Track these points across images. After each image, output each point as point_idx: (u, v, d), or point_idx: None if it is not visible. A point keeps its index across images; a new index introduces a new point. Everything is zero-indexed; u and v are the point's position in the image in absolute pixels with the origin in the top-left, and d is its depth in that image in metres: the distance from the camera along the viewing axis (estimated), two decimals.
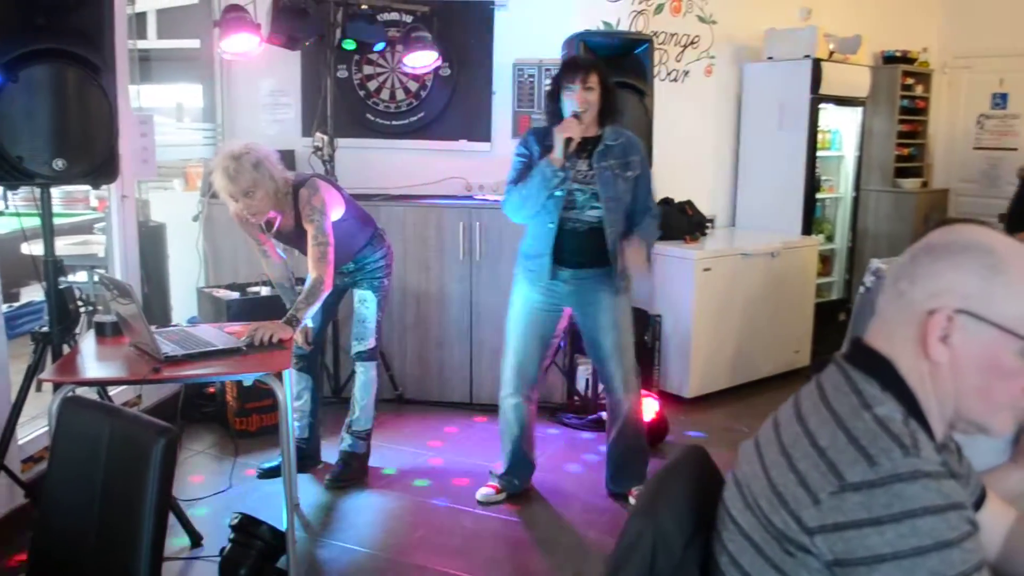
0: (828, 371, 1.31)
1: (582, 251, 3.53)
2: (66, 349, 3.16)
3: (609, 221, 3.51)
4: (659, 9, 5.60)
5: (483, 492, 3.81)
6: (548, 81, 5.14)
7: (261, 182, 3.36)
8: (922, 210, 6.93)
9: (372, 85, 5.28)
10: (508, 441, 3.83)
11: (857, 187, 6.55)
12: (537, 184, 3.42)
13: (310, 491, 3.87)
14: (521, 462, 3.86)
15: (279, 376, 2.93)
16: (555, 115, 3.49)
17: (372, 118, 5.31)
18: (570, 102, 3.42)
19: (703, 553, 1.34)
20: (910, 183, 7.04)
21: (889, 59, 7.00)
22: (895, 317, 1.25)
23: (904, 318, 1.23)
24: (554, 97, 3.51)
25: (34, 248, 3.37)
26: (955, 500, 1.11)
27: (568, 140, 3.37)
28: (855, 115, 6.45)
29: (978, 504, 1.43)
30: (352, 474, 3.94)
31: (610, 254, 3.53)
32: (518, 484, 3.86)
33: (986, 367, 1.20)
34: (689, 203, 5.59)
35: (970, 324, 1.19)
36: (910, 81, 7.04)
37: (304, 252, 3.58)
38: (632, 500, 3.73)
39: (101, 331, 3.24)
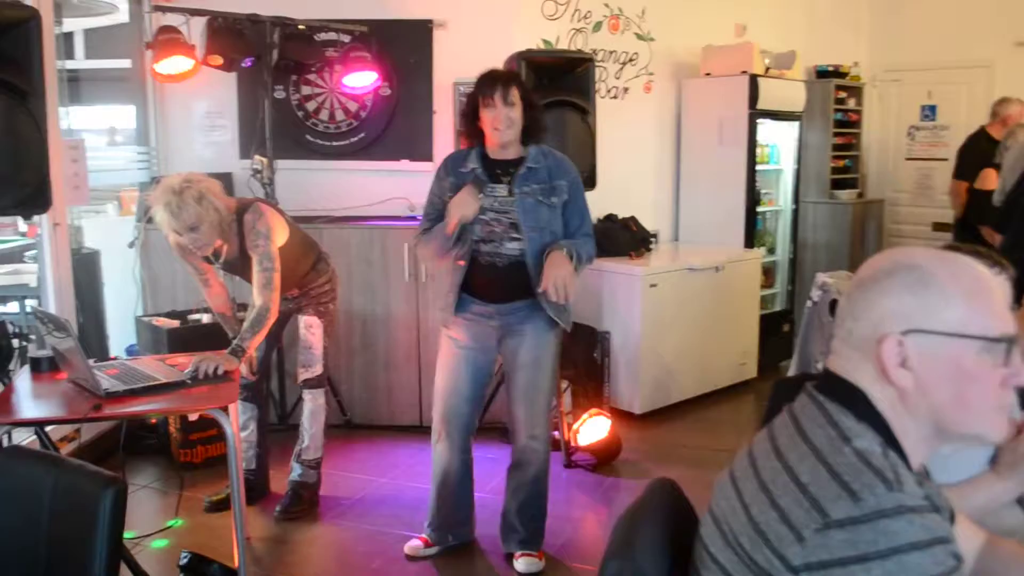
0: (801, 402, 1.30)
1: (504, 287, 3.17)
2: (0, 387, 3.03)
3: (531, 253, 3.12)
4: (597, 27, 5.62)
5: (411, 545, 3.47)
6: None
7: (205, 216, 3.26)
8: (858, 220, 7.07)
9: (311, 106, 5.21)
10: (434, 492, 3.46)
11: (796, 199, 6.65)
12: (437, 247, 3.17)
13: (260, 523, 3.76)
14: (451, 518, 3.48)
15: (225, 409, 2.84)
16: (472, 136, 3.18)
17: (312, 139, 5.23)
18: (491, 120, 3.08)
19: None
20: (846, 194, 7.18)
21: (822, 74, 7.14)
22: (851, 355, 1.26)
23: (859, 354, 1.24)
24: (470, 116, 3.15)
25: None
26: (940, 535, 1.10)
27: (464, 219, 3.07)
28: (792, 129, 6.55)
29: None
30: (303, 505, 3.85)
31: (539, 287, 3.12)
32: (451, 540, 3.49)
33: (952, 377, 1.20)
34: (633, 219, 5.61)
35: (922, 341, 1.19)
36: (843, 95, 7.19)
37: (249, 279, 3.49)
38: (518, 565, 3.35)
39: (36, 367, 3.12)
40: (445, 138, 5.20)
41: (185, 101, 5.16)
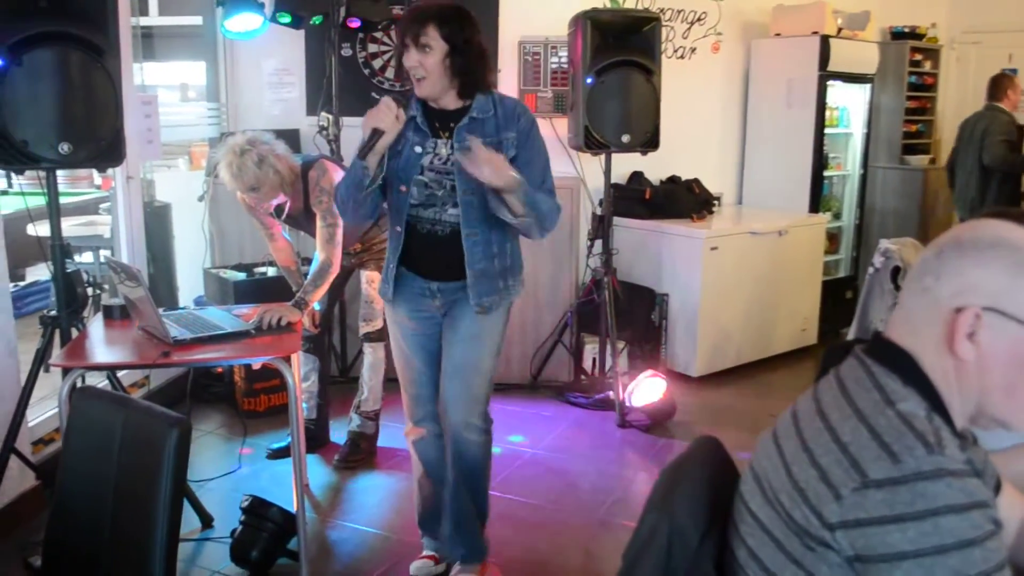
0: (848, 364, 1.29)
1: (446, 260, 2.70)
2: (74, 332, 3.16)
3: (469, 222, 2.65)
4: None
5: (417, 565, 3.04)
6: (555, 59, 5.14)
7: (265, 178, 3.36)
8: (930, 187, 6.89)
9: (377, 63, 5.24)
10: (416, 487, 3.07)
11: (865, 164, 6.51)
12: (348, 183, 2.63)
13: (319, 472, 3.88)
14: (438, 512, 3.00)
15: (287, 359, 2.93)
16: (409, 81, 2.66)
17: (378, 97, 5.25)
18: (406, 67, 2.59)
19: (719, 546, 1.34)
20: (918, 160, 6.99)
21: (897, 35, 6.93)
22: (919, 313, 1.23)
23: (929, 314, 1.21)
24: (400, 58, 2.64)
25: (40, 229, 3.37)
26: (978, 499, 1.09)
27: (375, 132, 2.51)
28: (863, 92, 6.39)
29: (995, 492, 1.42)
30: (361, 455, 3.95)
31: (471, 267, 2.69)
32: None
33: (1013, 365, 1.19)
34: (696, 181, 5.57)
35: (997, 322, 1.17)
36: (918, 57, 6.97)
37: (312, 234, 3.57)
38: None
39: (109, 314, 3.24)
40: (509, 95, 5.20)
41: (254, 58, 5.24)
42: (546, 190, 2.70)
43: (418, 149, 2.66)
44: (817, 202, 5.96)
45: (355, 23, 4.72)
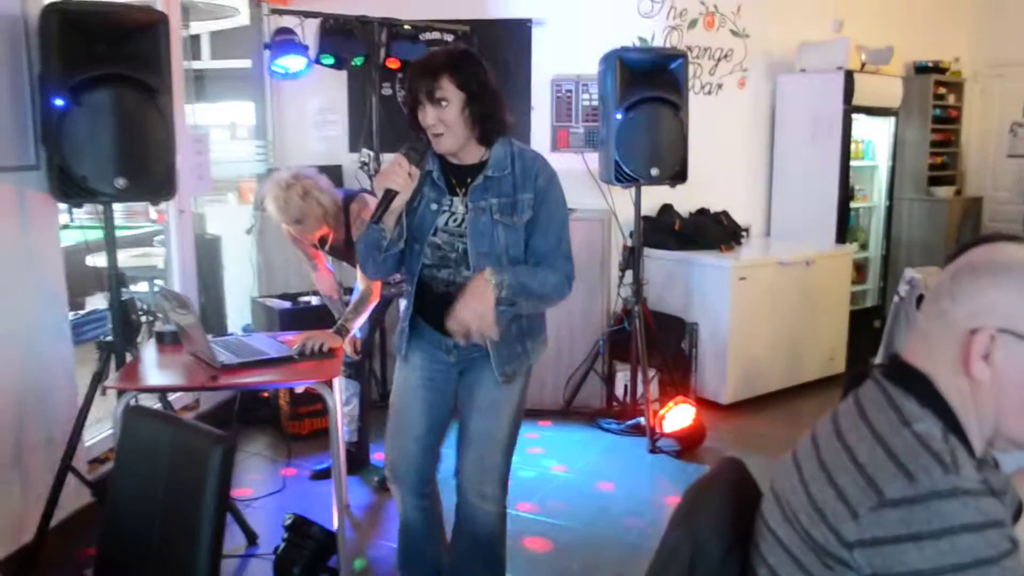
0: (866, 387, 1.29)
1: None
2: (128, 357, 3.22)
3: None
4: (693, 24, 5.56)
5: None
6: (586, 96, 5.18)
7: (309, 211, 3.42)
8: (955, 218, 6.82)
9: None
10: (399, 542, 2.77)
11: (891, 196, 6.45)
12: (367, 244, 2.41)
13: (359, 492, 3.90)
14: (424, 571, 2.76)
15: (329, 383, 2.96)
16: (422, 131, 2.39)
17: (416, 134, 5.32)
18: (424, 124, 2.33)
19: (741, 565, 1.33)
20: (943, 191, 6.92)
21: (921, 69, 6.89)
22: (935, 335, 1.22)
23: (945, 336, 1.21)
24: (414, 115, 2.38)
25: (97, 260, 3.45)
26: (995, 518, 1.08)
27: (387, 193, 2.29)
28: (887, 125, 6.35)
29: (1015, 517, 1.40)
30: None
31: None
32: None
33: None
34: (724, 213, 5.57)
35: (1012, 343, 1.16)
36: (942, 91, 6.92)
37: (353, 265, 3.61)
38: None
39: (161, 340, 3.30)
40: (543, 133, 5.25)
41: (300, 98, 5.34)
42: (561, 254, 2.43)
43: (434, 207, 2.43)
44: (844, 233, 5.91)
45: (394, 64, 4.79)
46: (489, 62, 2.41)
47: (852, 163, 5.95)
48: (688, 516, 1.33)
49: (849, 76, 5.72)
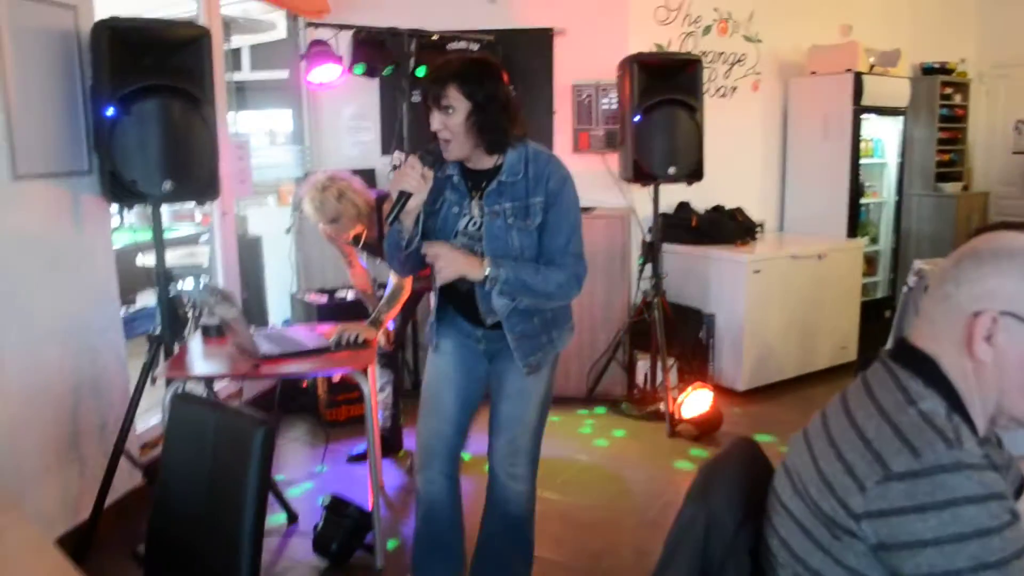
0: (874, 369, 1.28)
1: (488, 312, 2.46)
2: (176, 349, 3.26)
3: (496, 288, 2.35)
4: (707, 30, 5.53)
5: None
6: (605, 100, 5.16)
7: (344, 211, 3.45)
8: (963, 212, 6.72)
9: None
10: (417, 527, 2.68)
11: (900, 192, 6.38)
12: (390, 244, 2.41)
13: (393, 475, 3.92)
14: (436, 559, 2.69)
15: (364, 372, 2.98)
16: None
17: (433, 138, 5.33)
18: (434, 130, 2.30)
19: (754, 537, 1.32)
20: (951, 187, 6.83)
21: (928, 70, 6.80)
22: (940, 318, 1.22)
23: (949, 319, 1.20)
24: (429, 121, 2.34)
25: (147, 259, 3.49)
26: (996, 490, 1.07)
27: (401, 195, 2.26)
28: (896, 124, 6.29)
29: (1018, 493, 1.38)
30: None
31: (510, 331, 2.43)
32: None
33: None
34: (739, 210, 5.53)
35: (1014, 326, 1.15)
36: (949, 91, 6.83)
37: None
38: None
39: (206, 333, 3.34)
40: (564, 137, 5.25)
41: (334, 106, 5.37)
42: (571, 253, 2.37)
43: (456, 209, 2.40)
44: (855, 228, 5.86)
45: (423, 72, 4.81)
46: (512, 70, 2.35)
47: (862, 161, 5.89)
48: (703, 491, 1.33)
49: (858, 78, 5.67)
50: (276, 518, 3.42)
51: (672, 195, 5.26)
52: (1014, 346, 1.16)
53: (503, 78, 2.33)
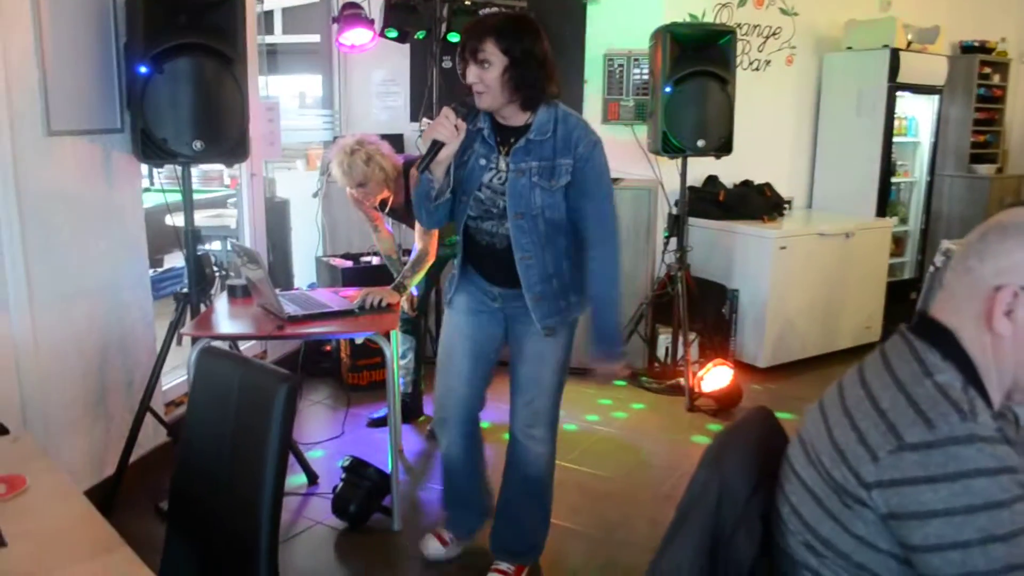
0: (892, 340, 1.29)
1: (506, 270, 2.49)
2: (202, 308, 3.31)
3: (520, 245, 2.42)
4: (743, 2, 5.46)
5: (430, 547, 2.90)
6: (637, 71, 5.13)
7: (372, 175, 3.45)
8: (995, 195, 6.62)
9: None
10: (443, 481, 2.92)
11: (932, 172, 6.30)
12: (419, 194, 2.48)
13: (412, 440, 3.97)
14: (461, 509, 2.90)
15: (387, 336, 3.01)
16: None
17: (469, 89, 5.32)
18: (469, 81, 2.37)
19: (766, 504, 1.34)
20: (985, 168, 6.72)
21: (967, 49, 6.67)
22: (962, 291, 1.22)
23: (971, 292, 1.20)
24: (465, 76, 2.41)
25: (176, 220, 3.53)
26: (1008, 464, 1.08)
27: (434, 144, 2.31)
28: (931, 103, 6.19)
29: None
30: None
31: (528, 291, 2.47)
32: (467, 535, 2.93)
33: None
34: (768, 185, 5.48)
35: None
36: (987, 70, 6.69)
37: (412, 226, 3.65)
38: None
39: (233, 293, 3.39)
40: (595, 105, 5.21)
41: (365, 70, 5.37)
42: (609, 213, 2.44)
43: (483, 162, 2.44)
44: (884, 207, 5.80)
45: (455, 37, 4.79)
46: (545, 36, 2.39)
47: (895, 139, 5.83)
48: (718, 457, 1.35)
49: (895, 54, 5.58)
50: (297, 479, 3.48)
51: (701, 168, 5.23)
52: None
53: (541, 36, 2.36)
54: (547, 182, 2.38)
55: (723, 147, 4.48)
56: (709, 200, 5.25)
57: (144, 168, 3.36)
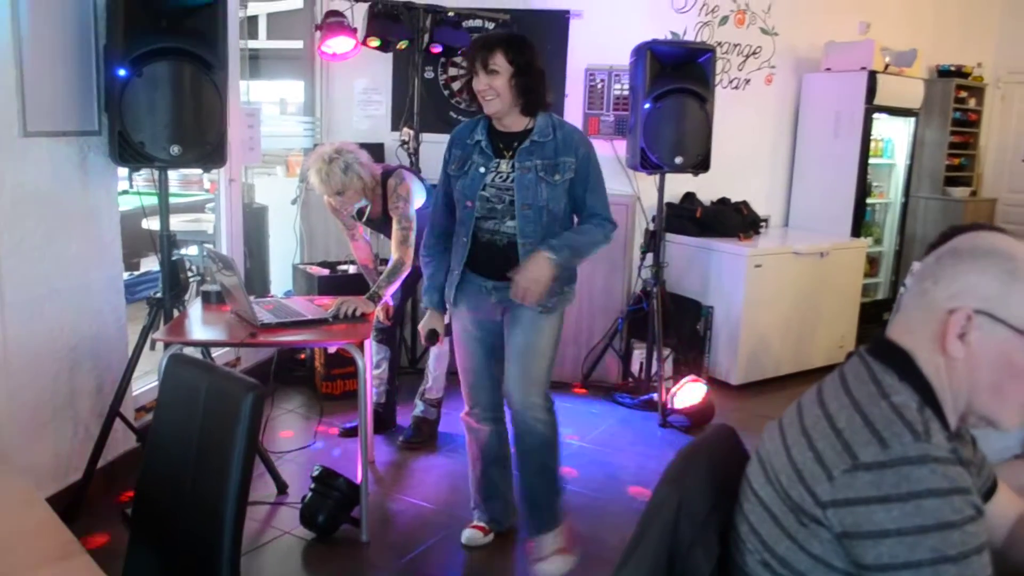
0: (851, 362, 1.31)
1: (503, 266, 2.74)
2: (176, 313, 3.29)
3: (524, 233, 2.73)
4: (724, 21, 5.52)
5: (468, 535, 3.12)
6: (617, 86, 5.17)
7: (350, 183, 3.47)
8: (969, 217, 6.71)
9: (456, 85, 5.33)
10: (471, 470, 3.16)
11: (907, 193, 6.38)
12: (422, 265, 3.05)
13: (384, 451, 3.96)
14: (491, 495, 3.15)
15: (360, 346, 3.01)
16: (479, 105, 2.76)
17: (455, 116, 5.35)
18: (477, 89, 2.69)
19: (724, 521, 1.35)
20: (959, 191, 6.82)
21: (944, 73, 6.78)
22: (917, 314, 1.24)
23: (926, 315, 1.22)
24: (470, 83, 2.74)
25: (152, 223, 3.51)
26: (960, 485, 1.09)
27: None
28: (908, 125, 6.28)
29: (989, 493, 1.41)
30: (423, 437, 4.02)
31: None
32: (499, 524, 3.17)
33: (1000, 365, 1.19)
34: (744, 203, 5.53)
35: (987, 324, 1.17)
36: (963, 94, 6.81)
37: (389, 236, 3.66)
38: (538, 546, 2.96)
39: (207, 299, 3.38)
40: (575, 120, 5.21)
41: (346, 78, 5.38)
42: (598, 213, 2.81)
43: (482, 170, 2.77)
44: (859, 227, 5.86)
45: (437, 48, 4.81)
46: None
47: (871, 160, 5.90)
48: (678, 474, 1.35)
49: (872, 76, 5.66)
50: (266, 488, 3.45)
51: (679, 185, 5.27)
52: (986, 345, 1.18)
53: (537, 52, 2.75)
54: (551, 177, 2.73)
55: (701, 164, 4.53)
56: (686, 216, 5.29)
57: (124, 170, 3.33)
